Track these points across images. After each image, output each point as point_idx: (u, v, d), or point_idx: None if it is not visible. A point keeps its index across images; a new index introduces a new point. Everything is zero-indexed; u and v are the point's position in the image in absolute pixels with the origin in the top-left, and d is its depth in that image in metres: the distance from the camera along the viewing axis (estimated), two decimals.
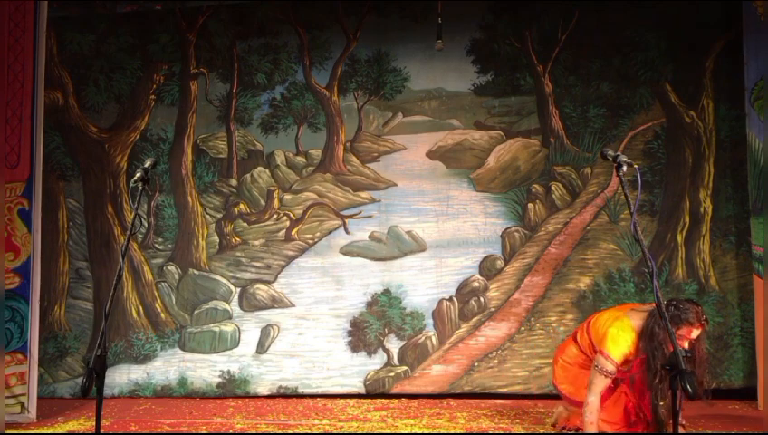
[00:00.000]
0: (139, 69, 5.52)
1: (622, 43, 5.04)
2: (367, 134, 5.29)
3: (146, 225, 5.35)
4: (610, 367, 3.32)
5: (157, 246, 5.38)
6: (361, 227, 5.20)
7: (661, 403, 3.24)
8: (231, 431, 3.98)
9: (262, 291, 5.24)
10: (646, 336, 3.28)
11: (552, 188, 5.04)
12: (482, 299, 5.01)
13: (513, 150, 5.12)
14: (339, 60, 5.34)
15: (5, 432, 4.01)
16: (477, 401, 4.72)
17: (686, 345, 3.27)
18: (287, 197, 5.32)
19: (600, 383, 3.33)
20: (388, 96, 5.28)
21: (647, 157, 4.97)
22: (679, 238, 4.89)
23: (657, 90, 5.00)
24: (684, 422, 3.58)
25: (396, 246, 5.16)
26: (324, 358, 5.11)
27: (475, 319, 5.01)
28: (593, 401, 3.33)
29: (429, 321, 5.06)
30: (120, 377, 5.22)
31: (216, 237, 5.34)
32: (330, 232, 5.23)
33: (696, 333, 3.28)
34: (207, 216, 5.37)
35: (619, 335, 3.35)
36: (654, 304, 3.26)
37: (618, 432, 3.48)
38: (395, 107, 5.27)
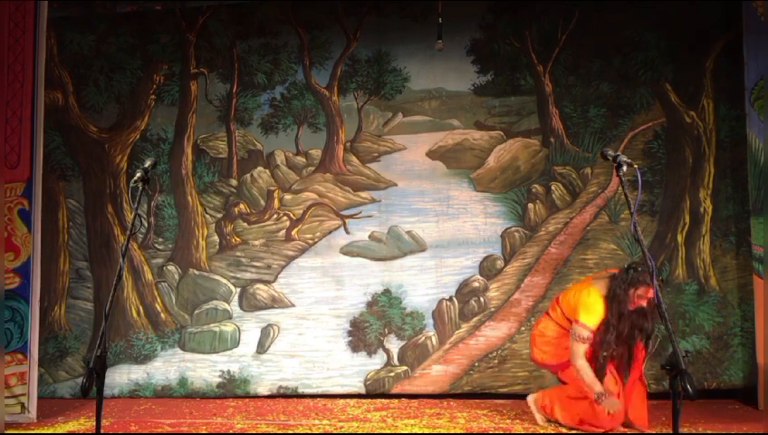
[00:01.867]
0: (139, 69, 5.52)
1: (622, 43, 5.04)
2: (367, 134, 5.29)
3: (146, 225, 5.35)
4: (586, 333, 3.64)
5: (157, 246, 5.38)
6: (361, 227, 5.20)
7: (604, 354, 3.63)
8: (231, 431, 3.98)
9: (262, 291, 5.24)
10: (609, 298, 3.64)
11: (552, 188, 5.04)
12: (482, 299, 5.00)
13: (513, 150, 5.12)
14: (339, 60, 5.34)
15: (5, 432, 4.01)
16: (477, 401, 4.72)
17: (645, 304, 3.60)
18: (287, 197, 5.32)
19: (580, 349, 3.64)
20: (389, 96, 5.28)
21: (647, 157, 4.97)
22: (679, 238, 4.89)
23: (657, 90, 5.00)
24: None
25: (396, 246, 5.16)
26: (324, 358, 5.11)
27: (475, 319, 5.01)
28: (582, 364, 3.63)
29: (429, 321, 5.06)
30: (120, 377, 5.22)
31: (216, 237, 5.34)
32: (330, 232, 5.23)
33: (652, 292, 3.47)
34: (207, 216, 5.37)
35: (590, 304, 3.67)
36: (612, 271, 3.85)
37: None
38: (395, 107, 5.27)
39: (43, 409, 4.46)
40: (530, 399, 4.10)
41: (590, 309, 3.66)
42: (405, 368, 5.04)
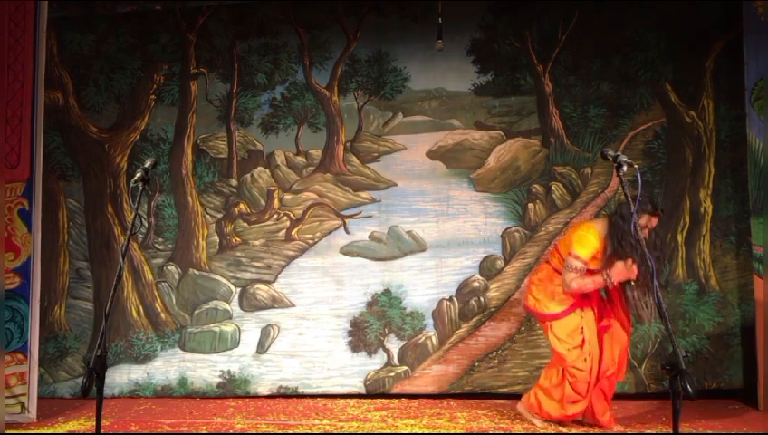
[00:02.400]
0: (139, 69, 5.52)
1: (622, 43, 5.04)
2: (367, 134, 5.29)
3: (146, 225, 5.35)
4: (579, 264, 3.69)
5: (157, 246, 5.38)
6: (361, 227, 5.20)
7: (633, 284, 3.65)
8: (231, 431, 3.98)
9: (262, 291, 5.24)
10: (611, 230, 3.66)
11: (553, 188, 5.04)
12: (482, 299, 5.00)
13: (513, 150, 5.12)
14: (339, 60, 5.34)
15: (5, 432, 4.01)
16: (477, 401, 4.72)
17: (646, 233, 3.65)
18: (287, 197, 5.32)
19: (571, 278, 3.69)
20: (389, 96, 5.28)
21: (647, 157, 4.97)
22: (679, 238, 4.89)
23: (657, 90, 5.00)
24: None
25: (396, 246, 5.16)
26: (324, 358, 5.11)
27: (475, 319, 5.01)
28: (576, 284, 3.68)
29: (429, 321, 5.06)
30: (120, 377, 5.22)
31: (216, 237, 5.34)
32: (330, 232, 5.23)
33: (654, 221, 3.67)
34: (207, 216, 5.37)
35: (585, 236, 3.73)
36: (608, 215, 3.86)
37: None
38: (395, 107, 5.27)
39: (43, 409, 4.46)
40: (519, 407, 4.09)
41: (584, 241, 3.72)
42: (405, 368, 5.04)
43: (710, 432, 3.77)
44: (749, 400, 4.50)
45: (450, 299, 5.05)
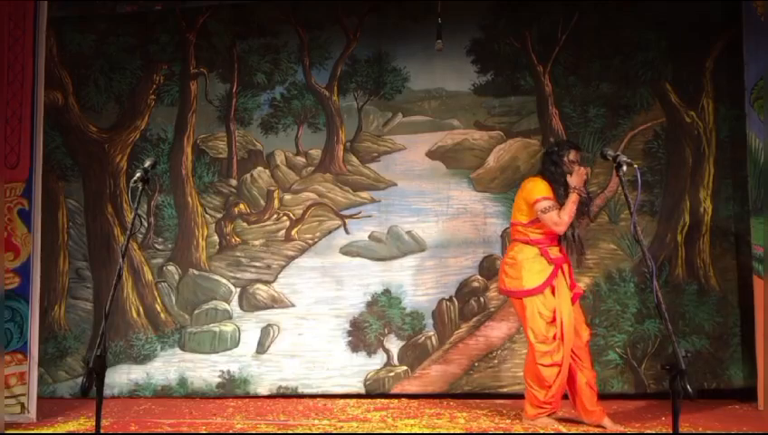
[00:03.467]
0: (139, 69, 5.52)
1: (622, 43, 5.04)
2: (367, 134, 5.29)
3: (146, 225, 5.35)
4: (548, 202, 3.81)
5: (157, 246, 5.38)
6: (361, 227, 5.20)
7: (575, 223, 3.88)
8: (231, 431, 3.98)
9: (262, 291, 5.24)
10: (549, 182, 3.87)
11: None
12: (482, 299, 5.00)
13: (512, 150, 5.12)
14: (339, 60, 5.34)
15: (5, 432, 4.01)
16: (477, 401, 4.72)
17: (585, 177, 3.87)
18: (287, 197, 5.32)
19: (553, 215, 3.79)
20: (388, 96, 5.27)
21: (647, 157, 4.97)
22: (679, 238, 4.89)
23: (657, 90, 5.00)
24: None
25: (396, 247, 5.16)
26: (324, 358, 5.11)
27: (475, 319, 5.01)
28: (564, 216, 3.78)
29: (429, 321, 5.06)
30: (120, 377, 5.22)
31: (215, 238, 5.34)
32: (330, 232, 5.23)
33: (579, 156, 3.91)
34: (207, 216, 5.37)
35: (533, 185, 3.91)
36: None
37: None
38: (395, 107, 5.27)
39: (42, 409, 4.46)
40: (526, 416, 3.99)
41: (535, 188, 3.89)
42: (405, 368, 5.04)
43: (710, 432, 3.77)
44: (749, 400, 4.50)
45: (450, 299, 5.05)
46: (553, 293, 3.85)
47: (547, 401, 3.87)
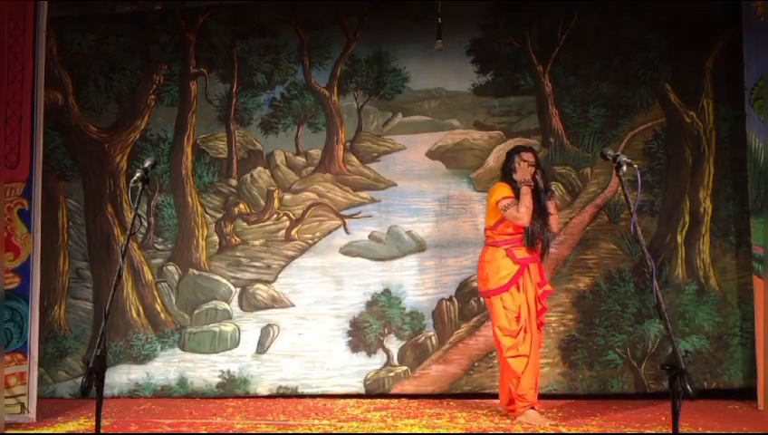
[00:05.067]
0: (138, 69, 5.52)
1: (622, 43, 5.04)
2: (367, 134, 5.29)
3: (146, 225, 5.35)
4: (508, 200, 4.04)
5: (157, 246, 5.38)
6: (361, 227, 5.20)
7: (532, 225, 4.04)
8: (231, 431, 3.98)
9: (262, 291, 5.24)
10: (509, 184, 4.12)
11: (552, 188, 5.03)
12: (482, 299, 4.99)
13: None
14: (339, 60, 5.34)
15: (5, 432, 4.01)
16: (477, 401, 4.72)
17: (532, 171, 4.08)
18: (287, 197, 5.32)
19: (513, 211, 4.01)
20: (388, 96, 5.27)
21: (647, 157, 4.97)
22: (679, 238, 4.89)
23: (657, 90, 5.00)
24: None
25: (396, 246, 5.16)
26: (324, 358, 5.11)
27: (474, 319, 5.01)
28: (523, 209, 3.98)
29: (429, 321, 5.06)
30: (120, 377, 5.22)
31: (215, 237, 5.34)
32: (329, 232, 5.23)
33: (532, 156, 4.13)
34: (207, 216, 5.37)
35: (496, 188, 4.16)
36: None
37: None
38: (395, 107, 5.27)
39: (42, 409, 4.46)
40: (513, 414, 4.09)
41: (495, 190, 4.14)
42: (405, 368, 5.04)
43: (710, 432, 3.77)
44: (749, 400, 4.50)
45: (450, 299, 5.05)
46: (519, 290, 4.06)
47: (521, 393, 3.98)
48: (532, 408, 4.02)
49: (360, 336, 5.10)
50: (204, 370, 5.19)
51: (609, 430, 3.86)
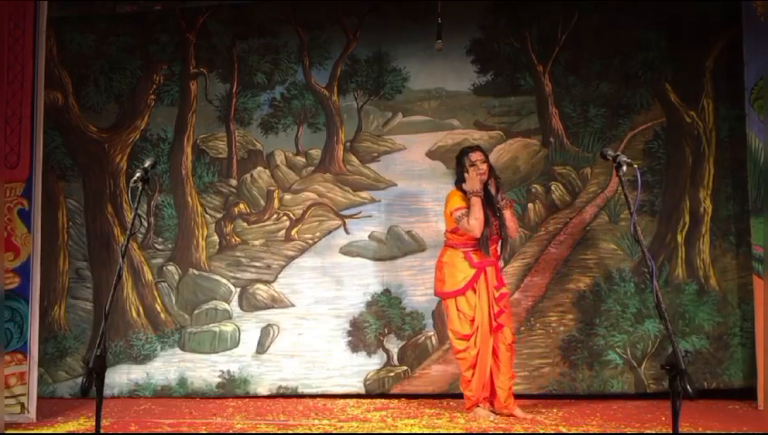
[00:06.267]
0: (138, 69, 5.52)
1: (622, 43, 5.04)
2: (367, 134, 5.29)
3: (146, 225, 5.35)
4: (461, 211, 4.08)
5: (157, 246, 5.38)
6: (361, 227, 5.20)
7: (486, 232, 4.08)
8: (231, 431, 3.98)
9: (262, 291, 5.24)
10: (460, 188, 4.17)
11: (552, 187, 5.04)
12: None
13: (512, 150, 5.12)
14: (339, 60, 5.34)
15: (5, 432, 4.01)
16: None
17: (483, 177, 4.12)
18: (287, 197, 5.32)
19: (465, 222, 4.05)
20: (388, 96, 5.27)
21: (647, 157, 4.97)
22: (679, 238, 4.89)
23: (657, 90, 5.00)
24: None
25: (396, 246, 5.16)
26: (324, 358, 5.11)
27: None
28: (473, 221, 4.02)
29: (429, 321, 5.06)
30: (120, 377, 5.22)
31: (215, 237, 5.34)
32: (329, 232, 5.23)
33: (480, 154, 4.18)
34: (207, 216, 5.37)
35: (448, 197, 4.23)
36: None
37: None
38: (395, 107, 5.27)
39: (42, 409, 4.46)
40: (471, 416, 4.16)
41: (449, 201, 4.20)
42: (405, 368, 5.04)
43: (710, 432, 3.77)
44: (749, 400, 4.50)
45: None
46: (475, 293, 4.14)
47: (468, 394, 4.16)
48: (478, 405, 4.15)
49: (360, 336, 5.10)
50: (204, 370, 5.19)
51: (609, 430, 3.85)
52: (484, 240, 4.08)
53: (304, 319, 5.17)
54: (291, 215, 5.28)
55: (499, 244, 4.19)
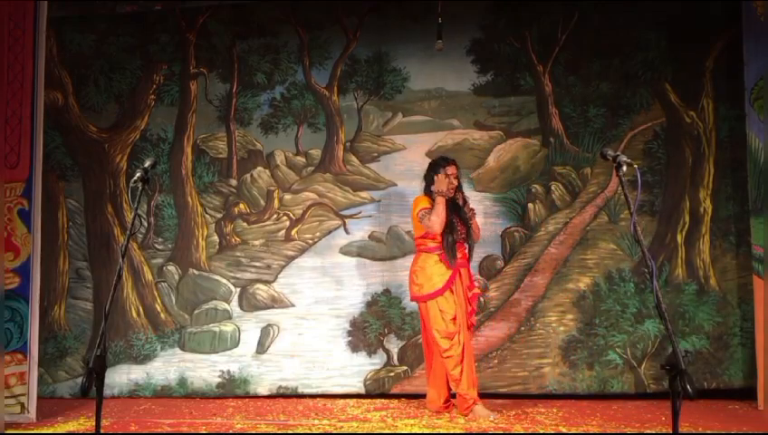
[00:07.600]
0: (138, 69, 5.52)
1: (622, 43, 5.04)
2: (367, 134, 5.29)
3: (146, 225, 5.35)
4: (423, 211, 4.17)
5: (157, 246, 5.38)
6: (361, 227, 5.20)
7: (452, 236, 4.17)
8: (231, 431, 3.98)
9: (262, 291, 5.24)
10: (430, 198, 4.22)
11: (552, 188, 5.04)
12: (481, 299, 5.00)
13: (512, 150, 5.12)
14: (339, 60, 5.34)
15: (5, 432, 4.01)
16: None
17: (452, 185, 4.21)
18: (287, 197, 5.32)
19: (428, 220, 4.13)
20: (388, 96, 5.28)
21: (647, 157, 4.97)
22: (679, 238, 4.89)
23: (657, 90, 5.00)
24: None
25: (396, 246, 5.16)
26: (324, 358, 5.11)
27: (474, 319, 5.00)
28: (434, 217, 4.10)
29: None
30: (120, 377, 5.22)
31: (215, 237, 5.34)
32: (329, 232, 5.23)
33: (455, 170, 4.23)
34: (207, 216, 5.37)
35: (415, 202, 4.32)
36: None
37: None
38: (395, 107, 5.27)
39: (42, 409, 4.46)
40: (471, 416, 4.14)
41: (415, 204, 4.28)
42: (405, 368, 5.04)
43: (710, 432, 3.77)
44: (749, 400, 4.50)
45: None
46: (452, 293, 4.20)
47: (462, 393, 4.14)
48: (476, 404, 4.15)
49: (360, 336, 5.10)
50: (204, 370, 5.19)
51: (609, 430, 3.86)
52: (449, 245, 4.16)
53: (304, 319, 5.17)
54: (291, 215, 5.28)
55: (466, 248, 4.28)
